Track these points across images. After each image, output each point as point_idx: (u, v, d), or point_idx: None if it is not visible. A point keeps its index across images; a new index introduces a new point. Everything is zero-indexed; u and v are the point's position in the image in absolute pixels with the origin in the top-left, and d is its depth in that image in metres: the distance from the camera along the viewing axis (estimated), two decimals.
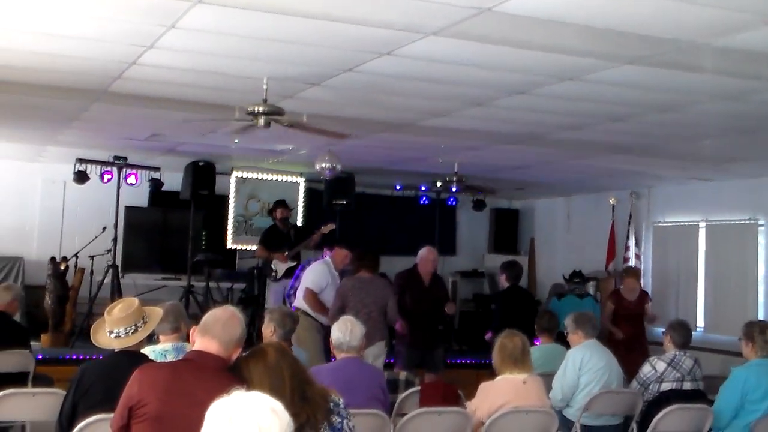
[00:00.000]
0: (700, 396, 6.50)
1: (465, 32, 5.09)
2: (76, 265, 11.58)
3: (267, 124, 6.68)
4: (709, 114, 7.15)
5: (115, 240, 11.62)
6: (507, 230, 15.53)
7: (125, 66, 6.41)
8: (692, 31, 4.92)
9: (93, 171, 11.65)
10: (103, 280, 11.36)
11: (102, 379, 4.41)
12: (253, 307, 10.98)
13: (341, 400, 3.75)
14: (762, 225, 10.84)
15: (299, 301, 8.91)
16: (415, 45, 5.43)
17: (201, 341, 3.88)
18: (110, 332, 4.56)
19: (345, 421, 3.68)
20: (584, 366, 6.53)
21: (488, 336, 8.79)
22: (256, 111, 6.62)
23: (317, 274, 8.98)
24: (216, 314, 3.97)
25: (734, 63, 5.52)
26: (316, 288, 8.82)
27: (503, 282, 9.46)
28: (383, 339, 8.23)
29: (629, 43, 5.20)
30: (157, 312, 4.82)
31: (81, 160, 11.56)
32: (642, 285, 10.46)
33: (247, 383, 3.47)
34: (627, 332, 9.76)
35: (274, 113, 6.66)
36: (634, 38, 5.09)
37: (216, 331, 3.85)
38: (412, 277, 9.19)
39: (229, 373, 3.74)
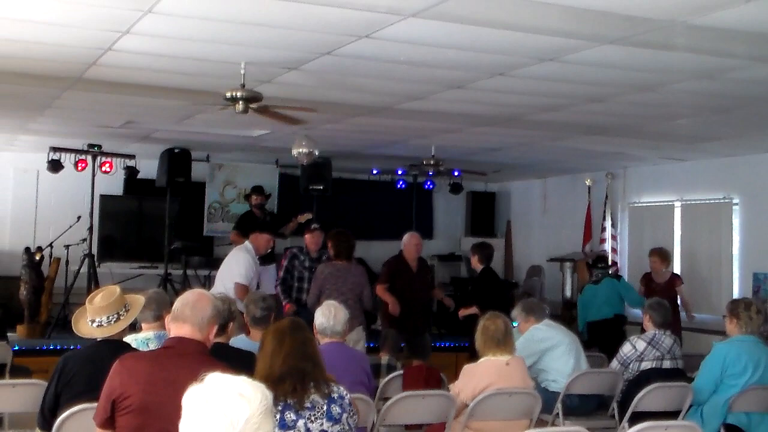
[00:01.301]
0: (680, 374, 6.57)
1: (444, 13, 5.06)
2: (51, 255, 11.49)
3: (245, 110, 6.62)
4: (684, 93, 7.18)
5: (90, 229, 11.55)
6: (483, 213, 15.55)
7: (100, 52, 6.32)
8: (669, 10, 4.92)
9: (67, 159, 11.53)
10: (79, 269, 11.28)
11: (85, 369, 4.34)
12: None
13: (347, 395, 3.76)
14: (736, 203, 10.93)
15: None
16: (394, 27, 5.39)
17: (175, 327, 3.89)
18: (92, 321, 4.48)
19: (345, 415, 3.69)
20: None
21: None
22: (234, 96, 6.55)
23: (244, 266, 8.69)
24: (184, 298, 3.96)
25: (710, 41, 5.53)
26: (247, 281, 8.61)
27: (475, 263, 9.42)
28: (361, 324, 8.24)
29: (609, 23, 5.19)
30: (139, 300, 4.75)
31: (54, 149, 11.44)
32: (668, 266, 9.99)
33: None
34: None
35: (252, 98, 6.60)
36: (614, 18, 5.08)
37: (186, 315, 3.85)
38: (399, 264, 9.21)
39: (209, 356, 3.74)
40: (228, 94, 6.57)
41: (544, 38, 5.60)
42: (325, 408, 3.59)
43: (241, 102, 6.54)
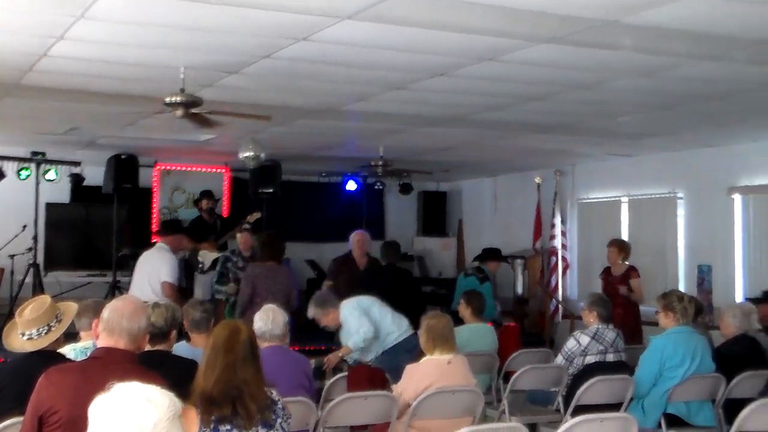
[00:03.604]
0: (623, 367, 6.64)
1: (381, 15, 5.08)
2: None
3: (185, 115, 6.59)
4: (624, 91, 7.25)
5: (35, 238, 11.47)
6: (435, 212, 15.62)
7: (35, 58, 6.26)
8: (602, 9, 4.97)
9: (9, 168, 11.42)
10: (24, 279, 11.16)
11: (15, 382, 4.21)
12: (182, 299, 10.84)
13: (280, 399, 3.74)
14: (681, 198, 11.10)
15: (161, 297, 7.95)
16: (331, 29, 5.40)
17: (107, 339, 3.81)
18: (22, 334, 4.37)
19: (279, 420, 3.67)
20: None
21: None
22: (173, 101, 6.52)
23: (171, 265, 8.64)
24: (118, 308, 3.87)
25: (646, 40, 5.60)
26: (176, 280, 8.59)
27: (380, 262, 9.61)
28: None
29: (544, 23, 5.24)
30: (72, 307, 4.65)
31: None
32: (621, 257, 9.75)
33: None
34: (616, 313, 8.24)
35: (192, 103, 6.58)
36: (549, 17, 5.12)
37: (122, 326, 3.80)
38: (346, 263, 9.28)
39: (139, 366, 3.70)
40: (167, 99, 6.54)
41: (481, 38, 5.64)
42: (258, 416, 3.58)
43: (181, 107, 6.50)
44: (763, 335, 7.53)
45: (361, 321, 7.14)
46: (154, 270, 8.65)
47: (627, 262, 9.68)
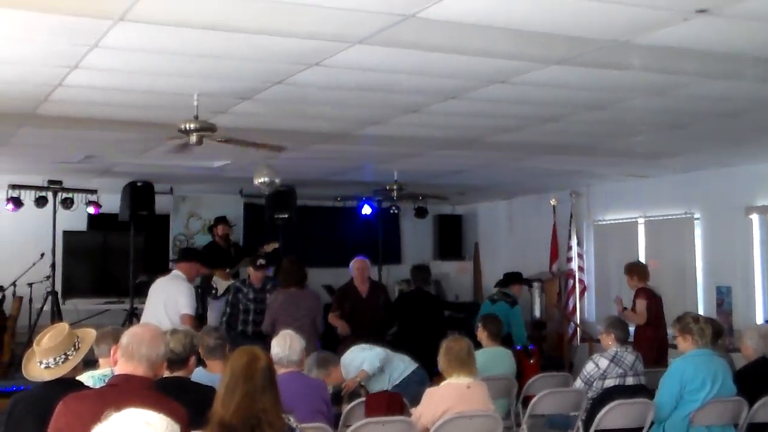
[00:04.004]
0: (643, 390, 6.59)
1: (391, 39, 5.09)
2: (14, 294, 11.38)
3: (199, 141, 6.61)
4: (637, 110, 7.24)
5: (53, 266, 11.52)
6: (451, 236, 15.61)
7: (50, 88, 6.30)
8: (613, 30, 4.97)
9: (27, 196, 11.51)
10: (42, 307, 11.22)
11: (34, 411, 4.20)
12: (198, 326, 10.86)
13: (297, 425, 3.73)
14: (698, 218, 11.04)
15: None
16: (342, 54, 5.41)
17: (126, 365, 3.83)
18: (40, 362, 4.38)
19: None
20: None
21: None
22: (187, 128, 6.54)
23: (189, 295, 8.59)
24: (137, 334, 3.90)
25: (657, 59, 5.59)
26: (194, 311, 8.59)
27: (410, 286, 9.67)
28: (317, 349, 8.25)
29: (554, 44, 5.24)
30: (90, 334, 4.64)
31: (14, 186, 11.45)
32: (636, 281, 9.51)
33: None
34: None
35: (206, 129, 6.60)
36: (559, 39, 5.13)
37: (142, 353, 3.81)
38: (348, 291, 9.39)
39: (156, 392, 3.70)
40: (182, 126, 6.56)
41: (492, 61, 5.64)
42: None
43: (195, 134, 6.53)
44: None
45: (371, 350, 7.22)
46: (171, 299, 8.57)
47: (646, 283, 9.52)
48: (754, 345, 6.61)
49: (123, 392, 3.66)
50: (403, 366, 7.27)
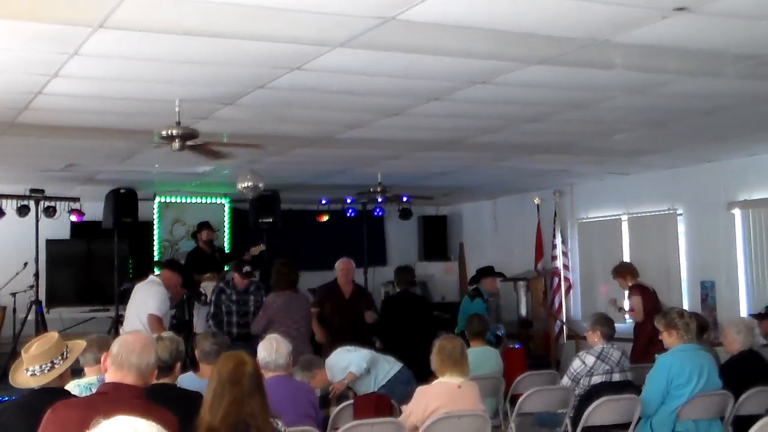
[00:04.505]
0: (630, 386, 6.61)
1: (372, 42, 5.10)
2: None
3: (182, 147, 6.60)
4: (618, 108, 7.27)
5: (36, 275, 11.43)
6: (436, 237, 15.60)
7: (31, 96, 6.29)
8: (593, 29, 4.99)
9: (9, 206, 11.43)
10: (26, 316, 11.14)
11: (21, 419, 4.17)
12: (185, 332, 10.83)
13: (285, 430, 3.72)
14: (681, 214, 11.10)
15: (145, 329, 8.08)
16: (323, 58, 5.42)
17: (115, 374, 3.80)
18: (27, 370, 4.35)
19: None
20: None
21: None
22: (169, 134, 6.54)
23: (158, 298, 8.62)
24: (128, 343, 3.87)
25: (637, 58, 5.62)
26: (161, 313, 8.58)
27: (394, 288, 9.72)
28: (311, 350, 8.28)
29: (535, 44, 5.26)
30: (79, 345, 4.62)
31: None
32: (629, 280, 9.49)
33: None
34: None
35: (188, 135, 6.59)
36: (539, 39, 5.15)
37: (132, 362, 3.79)
38: (331, 290, 9.37)
39: (145, 400, 3.69)
40: (163, 132, 6.56)
41: (474, 61, 5.66)
42: None
43: (177, 140, 6.52)
44: (767, 350, 7.53)
45: (356, 352, 7.22)
46: (142, 302, 8.67)
47: (637, 280, 9.48)
48: (740, 338, 6.64)
49: (112, 400, 3.63)
50: (388, 366, 7.27)
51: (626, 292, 9.56)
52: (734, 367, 6.55)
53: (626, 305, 9.55)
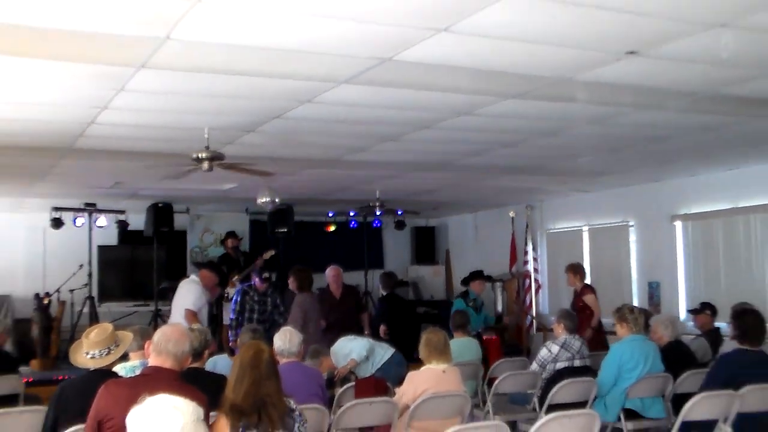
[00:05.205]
0: (588, 370, 6.60)
1: (372, 79, 5.10)
2: (58, 299, 11.31)
3: (210, 168, 6.59)
4: (581, 136, 7.26)
5: (90, 275, 11.50)
6: (426, 245, 15.57)
7: (85, 126, 6.29)
8: (559, 69, 5.00)
9: (67, 217, 11.45)
10: (82, 309, 11.18)
11: (79, 396, 4.23)
12: (213, 324, 10.80)
13: (297, 407, 3.70)
14: (632, 225, 11.06)
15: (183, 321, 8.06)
16: (331, 92, 5.42)
17: (156, 358, 3.86)
18: (86, 353, 4.42)
19: (297, 425, 3.63)
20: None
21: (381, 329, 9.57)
22: (200, 157, 6.54)
23: (195, 295, 8.65)
24: (166, 333, 3.92)
25: (596, 93, 5.61)
26: (196, 308, 8.54)
27: (380, 292, 9.85)
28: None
29: (510, 81, 5.26)
30: (128, 336, 4.71)
31: (56, 208, 11.40)
32: (579, 279, 9.28)
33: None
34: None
35: (215, 158, 6.58)
36: (514, 77, 5.15)
37: (169, 350, 3.83)
38: (324, 294, 9.48)
39: (180, 381, 3.69)
40: (195, 155, 6.55)
41: (458, 96, 5.66)
42: (279, 422, 3.54)
43: (206, 161, 6.51)
44: (702, 339, 7.53)
45: (357, 341, 7.18)
46: (181, 298, 8.73)
47: (585, 281, 9.40)
48: (667, 332, 6.73)
49: (154, 381, 3.66)
50: (383, 352, 7.21)
51: (574, 289, 9.36)
52: (666, 356, 6.52)
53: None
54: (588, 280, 9.59)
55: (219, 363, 5.71)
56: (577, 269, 9.46)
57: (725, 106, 6.07)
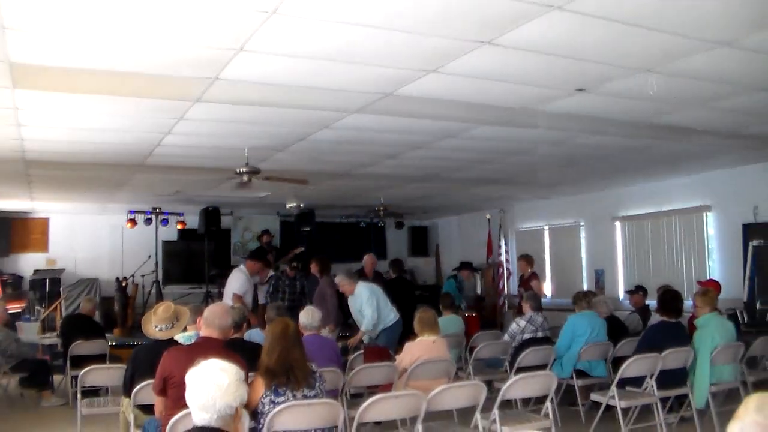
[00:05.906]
0: (548, 341, 6.57)
1: (377, 109, 5.11)
2: (133, 282, 11.41)
3: (249, 180, 6.60)
4: (543, 155, 7.24)
5: (156, 264, 11.52)
6: (420, 240, 15.51)
7: (153, 147, 6.31)
8: (524, 101, 5.01)
9: (139, 218, 11.48)
10: (150, 290, 11.21)
11: (149, 357, 4.28)
12: (252, 302, 10.78)
13: (317, 369, 3.71)
14: (582, 225, 11.02)
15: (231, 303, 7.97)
16: (344, 120, 5.44)
17: (205, 330, 3.87)
18: (155, 326, 4.48)
19: (317, 383, 3.64)
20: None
21: None
22: (241, 171, 6.54)
23: (240, 281, 8.53)
24: (214, 310, 3.94)
25: (554, 121, 5.61)
26: (241, 292, 8.44)
27: (390, 274, 9.68)
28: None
29: (486, 111, 5.27)
30: (186, 313, 4.74)
31: (131, 211, 11.41)
32: (530, 267, 9.21)
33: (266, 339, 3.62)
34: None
35: (253, 172, 6.58)
36: (489, 107, 5.16)
37: (216, 323, 3.85)
38: (360, 275, 9.24)
39: (226, 348, 3.70)
40: (237, 170, 6.56)
41: (446, 123, 5.67)
42: (304, 382, 3.55)
43: (245, 175, 6.52)
44: (636, 315, 7.50)
45: (369, 303, 6.84)
46: (230, 285, 8.66)
47: (532, 270, 9.27)
48: (604, 309, 6.71)
49: (205, 348, 3.66)
50: (392, 315, 7.00)
51: (521, 275, 9.26)
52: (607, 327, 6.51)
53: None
54: (547, 270, 9.59)
55: (253, 335, 5.65)
56: (528, 259, 9.38)
57: (652, 132, 6.07)
